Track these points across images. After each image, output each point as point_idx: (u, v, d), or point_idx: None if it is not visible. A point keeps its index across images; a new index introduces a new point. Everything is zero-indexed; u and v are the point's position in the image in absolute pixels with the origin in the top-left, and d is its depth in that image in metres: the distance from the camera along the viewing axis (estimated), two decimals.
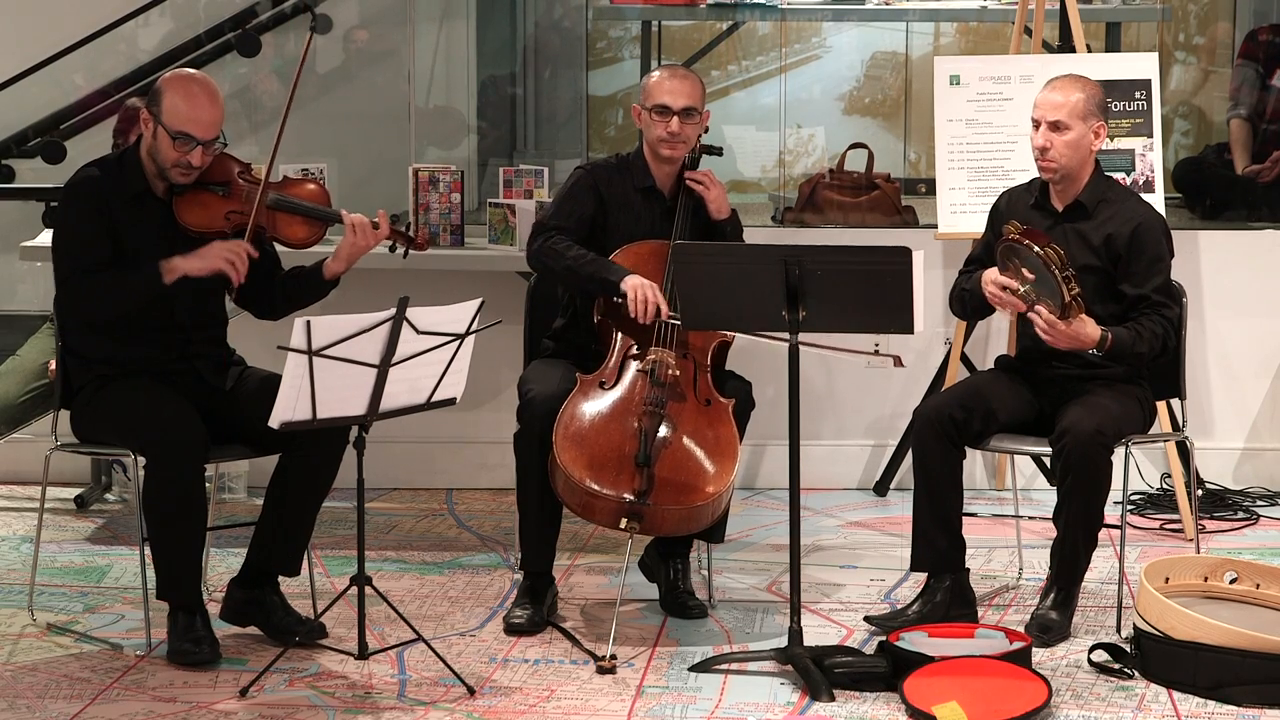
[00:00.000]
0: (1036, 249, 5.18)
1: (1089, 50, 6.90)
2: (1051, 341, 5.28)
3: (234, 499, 6.84)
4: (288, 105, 5.33)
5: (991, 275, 5.39)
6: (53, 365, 5.89)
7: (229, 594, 5.37)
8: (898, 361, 5.55)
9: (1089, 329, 5.26)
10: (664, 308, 5.47)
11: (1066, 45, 6.84)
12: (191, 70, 5.53)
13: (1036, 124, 5.48)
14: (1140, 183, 6.49)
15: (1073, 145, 5.44)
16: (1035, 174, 5.67)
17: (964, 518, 5.54)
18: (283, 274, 5.47)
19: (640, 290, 5.46)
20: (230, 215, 5.30)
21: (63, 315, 5.34)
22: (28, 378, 6.53)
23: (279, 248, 5.48)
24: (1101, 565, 5.87)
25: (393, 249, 5.48)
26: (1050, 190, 5.55)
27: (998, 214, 5.65)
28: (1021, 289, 5.28)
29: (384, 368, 4.92)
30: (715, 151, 5.77)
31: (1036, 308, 5.25)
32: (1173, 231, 5.59)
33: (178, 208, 5.28)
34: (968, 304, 5.62)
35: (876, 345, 6.89)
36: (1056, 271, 5.16)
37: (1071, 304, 5.19)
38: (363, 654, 5.10)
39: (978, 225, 6.47)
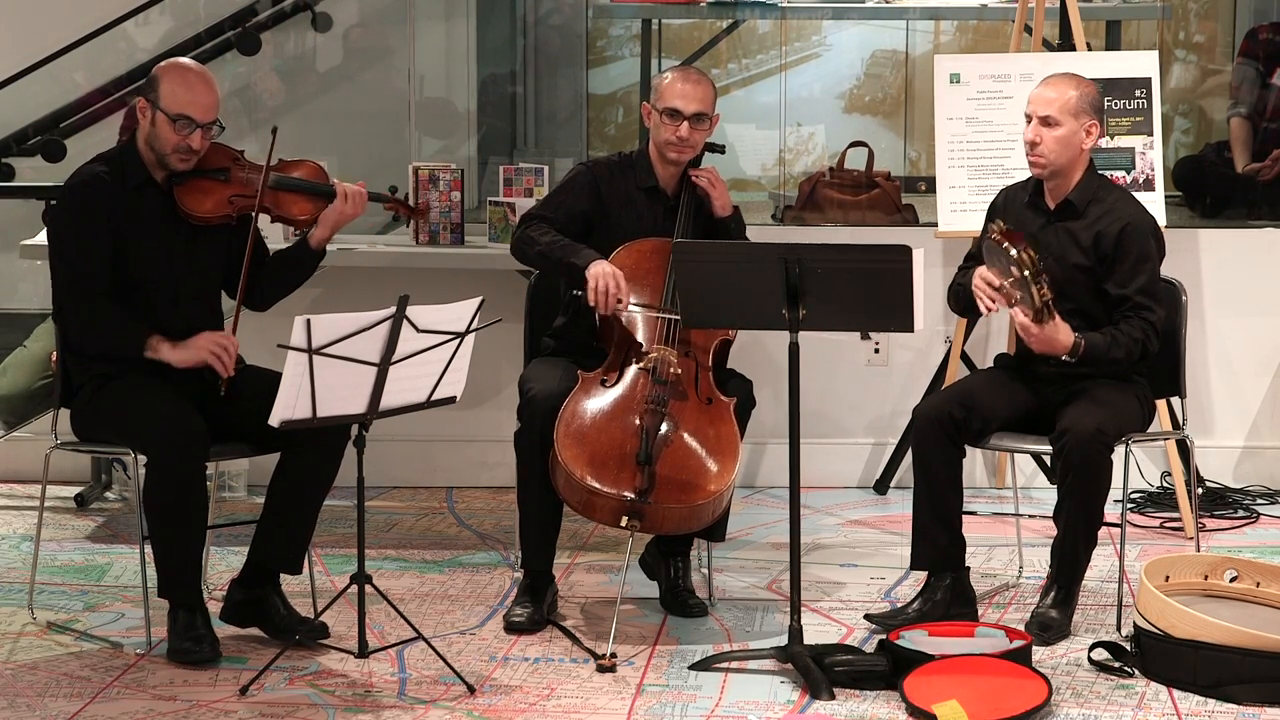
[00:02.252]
0: (1012, 251, 5.19)
1: (1089, 48, 6.90)
2: (1028, 343, 5.29)
3: (234, 497, 6.84)
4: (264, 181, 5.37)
5: (982, 270, 5.40)
6: (54, 356, 5.90)
7: (230, 594, 5.37)
8: (863, 335, 5.53)
9: (1061, 335, 5.26)
10: (624, 300, 5.46)
11: (1066, 43, 6.84)
12: (184, 58, 5.55)
13: (1028, 119, 5.49)
14: (1140, 181, 6.49)
15: (1062, 141, 5.44)
16: None
17: (964, 516, 5.53)
18: (267, 260, 5.48)
19: (601, 280, 5.44)
20: (234, 199, 5.32)
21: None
22: (37, 368, 6.53)
23: (277, 228, 5.49)
24: (1102, 564, 5.87)
25: (395, 219, 5.53)
26: (1044, 189, 5.56)
27: (995, 211, 5.66)
28: (1005, 285, 5.28)
29: (384, 366, 4.92)
30: (718, 149, 5.76)
31: (1015, 308, 5.27)
32: (1173, 230, 5.60)
33: (180, 197, 5.29)
34: (961, 299, 5.62)
35: (876, 345, 6.93)
36: (1029, 275, 5.16)
37: (1043, 308, 5.19)
38: (363, 652, 5.10)
39: (978, 224, 6.46)
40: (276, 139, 5.31)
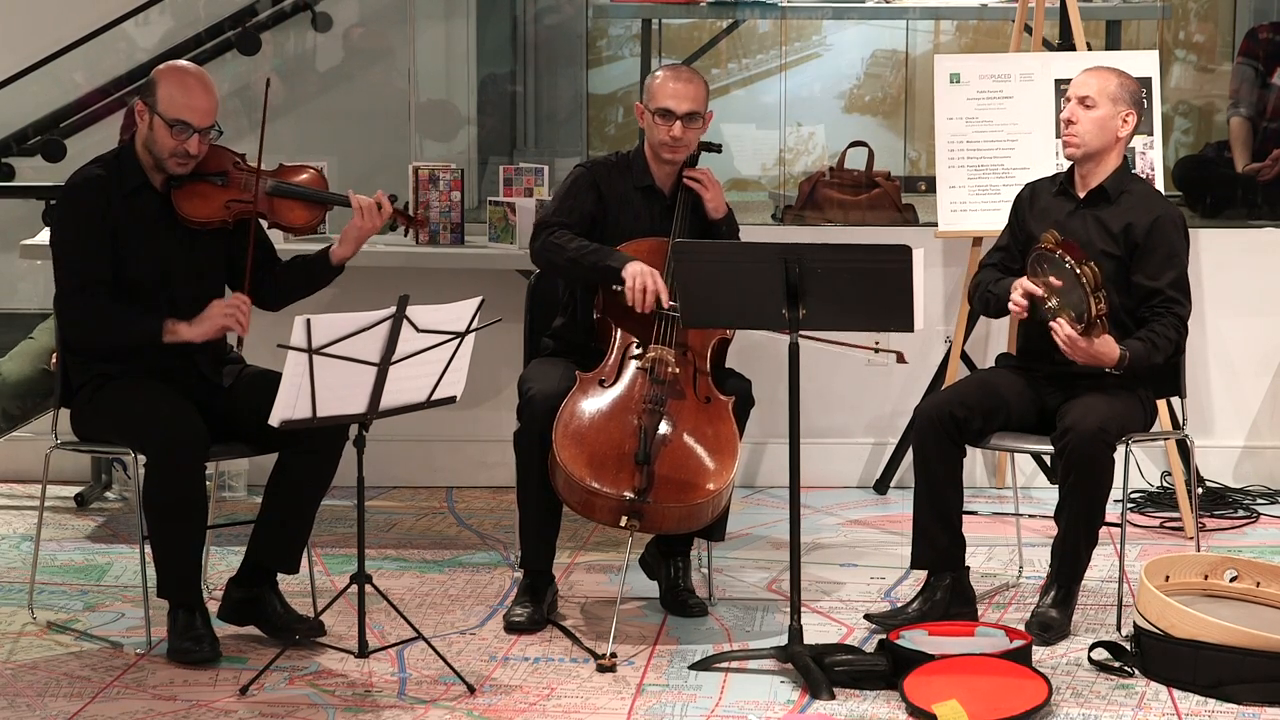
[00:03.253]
0: (1070, 262, 5.19)
1: (1089, 48, 6.90)
2: (1069, 355, 5.28)
3: (234, 497, 6.84)
4: (260, 140, 5.36)
5: (1024, 281, 5.38)
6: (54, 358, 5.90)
7: (227, 592, 5.37)
8: (900, 358, 5.54)
9: (1109, 348, 5.26)
10: (664, 296, 5.46)
11: (1066, 43, 6.84)
12: (184, 61, 5.54)
13: (1067, 100, 5.52)
14: None
15: (1099, 124, 5.47)
16: (1039, 174, 5.70)
17: (964, 516, 5.53)
18: (284, 264, 5.48)
19: (639, 278, 5.45)
20: (230, 204, 5.31)
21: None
22: (43, 358, 6.53)
23: (276, 234, 5.49)
24: (1102, 563, 5.87)
25: (393, 227, 5.51)
26: (1074, 177, 5.56)
27: (1021, 204, 5.66)
28: (1048, 301, 5.27)
29: (384, 366, 4.92)
30: (714, 148, 5.76)
31: (1059, 319, 5.25)
32: None
33: (177, 200, 5.28)
34: (992, 306, 5.59)
35: (877, 342, 6.90)
36: (1088, 288, 5.16)
37: (1095, 322, 5.20)
38: (363, 652, 5.10)
39: (978, 224, 6.49)
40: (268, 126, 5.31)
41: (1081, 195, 5.54)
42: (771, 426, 6.73)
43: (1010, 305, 5.41)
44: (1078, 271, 5.17)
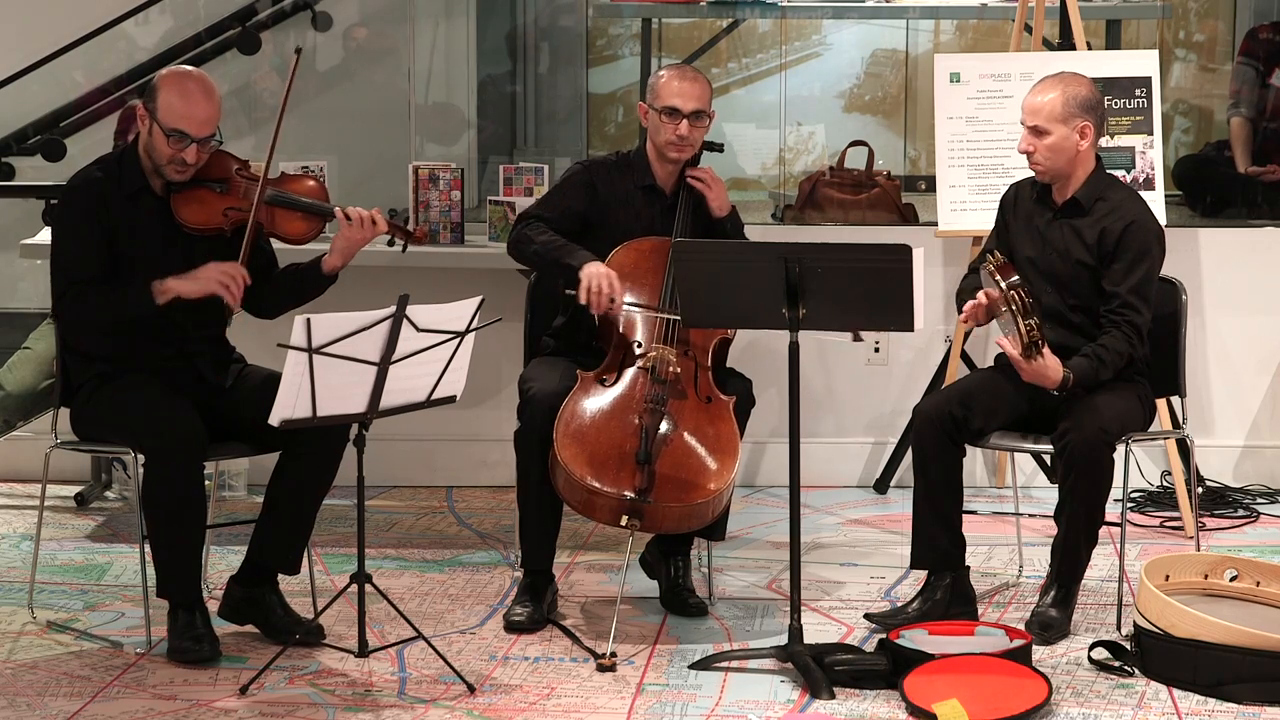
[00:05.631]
0: (1002, 285, 5.20)
1: (1089, 47, 6.91)
2: (1020, 373, 5.30)
3: (234, 497, 6.84)
4: (281, 112, 5.33)
5: (988, 291, 5.40)
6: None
7: (228, 591, 5.37)
8: (855, 336, 5.53)
9: (1050, 372, 5.26)
10: (618, 299, 5.46)
11: (1066, 43, 6.84)
12: (188, 67, 5.53)
13: (1023, 126, 5.51)
14: (1140, 180, 6.49)
15: (1054, 149, 5.44)
16: None
17: (964, 515, 5.53)
18: (279, 271, 5.47)
19: (595, 280, 5.45)
20: (229, 212, 5.30)
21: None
22: (43, 367, 6.52)
23: (276, 244, 5.48)
24: (1102, 563, 5.87)
25: (391, 243, 5.50)
26: (1050, 186, 5.56)
27: (1006, 206, 5.66)
28: (1000, 316, 5.30)
29: (384, 365, 4.92)
30: (716, 148, 5.77)
31: (1004, 339, 5.29)
32: (1173, 229, 5.60)
33: (176, 205, 5.28)
34: (962, 300, 5.62)
35: (876, 344, 6.92)
36: (1017, 313, 5.17)
37: (1030, 345, 5.20)
38: (363, 652, 5.10)
39: (978, 223, 6.48)
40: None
41: (1058, 204, 5.54)
42: (771, 426, 6.74)
43: (962, 309, 5.45)
44: (1008, 296, 5.19)
